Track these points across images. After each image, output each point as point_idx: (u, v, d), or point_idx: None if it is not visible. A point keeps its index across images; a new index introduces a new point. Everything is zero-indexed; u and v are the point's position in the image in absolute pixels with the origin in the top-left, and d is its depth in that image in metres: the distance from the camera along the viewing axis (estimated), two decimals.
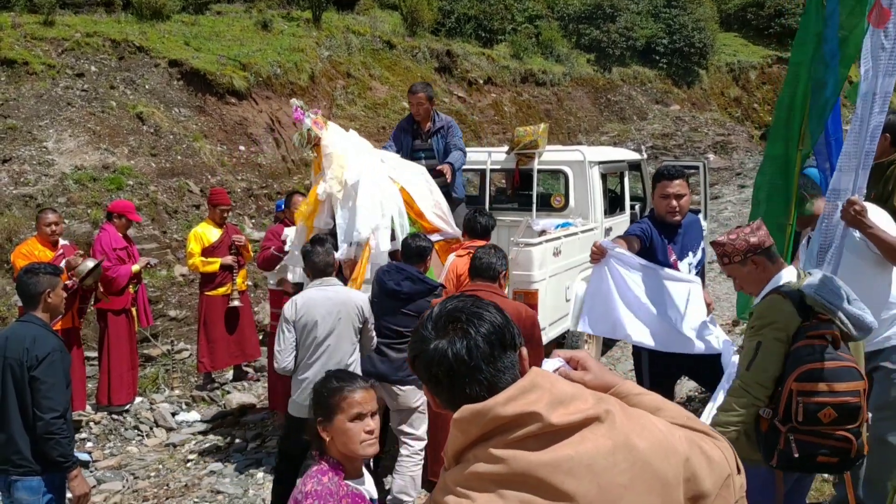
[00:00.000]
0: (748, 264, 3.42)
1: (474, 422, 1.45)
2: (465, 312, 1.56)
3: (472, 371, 1.50)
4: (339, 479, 2.52)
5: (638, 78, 24.00)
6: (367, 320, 4.90)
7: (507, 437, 1.43)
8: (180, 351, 8.66)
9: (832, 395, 3.05)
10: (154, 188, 10.57)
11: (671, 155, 19.66)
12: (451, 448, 1.51)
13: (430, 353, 1.53)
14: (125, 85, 12.08)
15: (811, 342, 3.15)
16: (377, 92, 16.54)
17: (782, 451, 3.17)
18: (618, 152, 9.16)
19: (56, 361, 3.84)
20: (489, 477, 1.42)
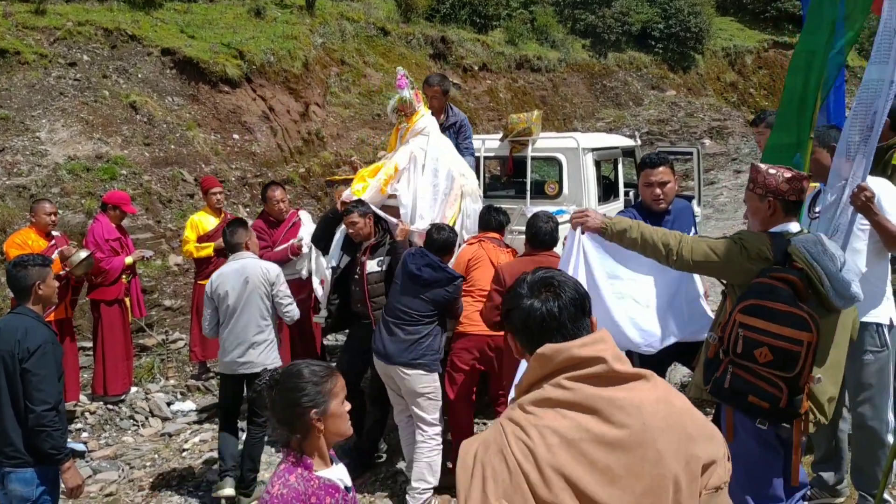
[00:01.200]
0: (765, 201, 3.43)
1: (553, 358, 1.83)
2: (556, 280, 1.96)
3: (560, 326, 1.89)
4: (308, 473, 2.43)
5: (634, 63, 23.94)
6: (274, 285, 5.30)
7: (576, 373, 1.81)
8: (175, 341, 8.66)
9: (771, 335, 3.07)
10: (148, 178, 10.54)
11: (667, 140, 19.63)
12: (527, 379, 1.89)
13: (527, 308, 1.93)
14: (118, 74, 12.02)
15: (770, 282, 3.19)
16: (371, 79, 16.48)
17: (717, 379, 3.26)
18: (612, 139, 9.14)
19: (48, 353, 3.84)
20: (556, 401, 1.80)
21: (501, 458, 1.78)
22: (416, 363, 5.08)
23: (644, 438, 1.77)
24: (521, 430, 1.80)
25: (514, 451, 1.78)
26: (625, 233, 3.60)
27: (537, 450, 1.76)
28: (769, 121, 5.49)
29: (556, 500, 1.73)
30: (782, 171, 3.45)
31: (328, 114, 14.80)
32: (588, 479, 1.74)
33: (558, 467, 1.74)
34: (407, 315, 5.14)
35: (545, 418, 1.79)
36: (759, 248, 3.30)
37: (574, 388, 1.80)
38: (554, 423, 1.78)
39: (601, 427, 1.77)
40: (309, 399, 2.47)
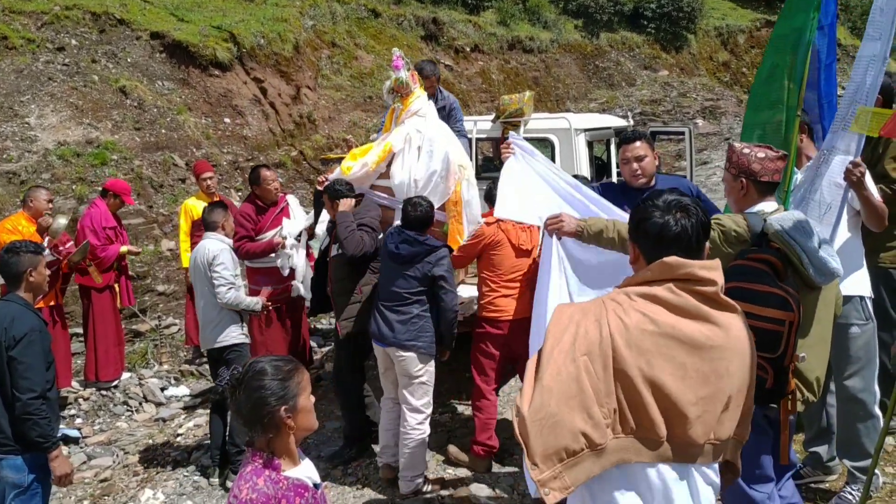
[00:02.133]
0: (737, 181, 3.43)
1: (677, 269, 2.17)
2: (690, 204, 2.27)
3: (686, 244, 2.21)
4: (277, 475, 2.33)
5: (626, 43, 23.85)
6: (211, 265, 5.39)
7: (688, 286, 2.15)
8: (168, 326, 8.65)
9: (752, 317, 2.97)
10: (139, 162, 10.48)
11: (660, 121, 19.59)
12: (639, 278, 2.23)
13: (661, 222, 2.23)
14: (107, 58, 11.93)
15: (748, 263, 3.17)
16: (363, 61, 16.39)
17: None
18: (604, 119, 9.12)
19: (34, 341, 3.82)
20: (662, 300, 2.14)
21: (597, 325, 2.13)
22: (411, 345, 5.05)
23: (722, 355, 2.13)
24: (622, 310, 2.14)
25: (611, 322, 2.12)
26: (601, 234, 3.52)
27: (631, 329, 2.10)
28: None
29: (629, 374, 2.07)
30: (756, 150, 3.42)
31: (320, 97, 14.72)
32: (663, 368, 2.08)
33: (644, 350, 2.08)
34: (395, 295, 5.12)
35: (647, 308, 2.14)
36: (735, 230, 3.28)
37: (682, 295, 2.14)
38: (653, 314, 2.12)
39: (691, 332, 2.11)
40: (276, 397, 2.34)
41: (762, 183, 3.38)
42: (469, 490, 5.22)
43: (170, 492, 5.61)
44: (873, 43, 3.78)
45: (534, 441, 2.07)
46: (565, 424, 2.06)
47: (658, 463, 2.15)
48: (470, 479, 5.37)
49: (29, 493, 3.92)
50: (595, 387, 2.08)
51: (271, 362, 2.42)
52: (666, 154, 16.78)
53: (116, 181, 7.89)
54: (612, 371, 2.08)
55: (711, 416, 2.14)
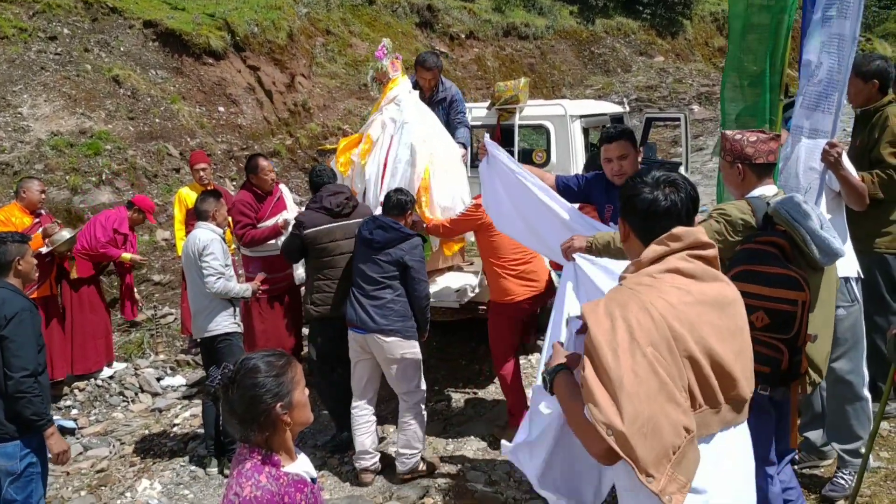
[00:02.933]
0: (734, 167, 3.46)
1: (685, 238, 2.23)
2: (678, 178, 2.34)
3: (676, 218, 2.28)
4: (277, 471, 2.29)
5: (622, 29, 23.76)
6: (200, 255, 5.37)
7: (697, 252, 2.24)
8: (164, 315, 8.64)
9: (767, 299, 3.07)
10: (133, 152, 10.44)
11: (655, 107, 19.56)
12: (651, 255, 2.25)
13: (651, 197, 2.29)
14: (99, 47, 11.85)
15: (757, 247, 3.20)
16: (357, 49, 16.31)
17: None
18: (600, 105, 9.10)
19: (25, 321, 3.87)
20: (682, 270, 2.21)
21: (646, 313, 2.09)
22: (390, 330, 5.09)
23: (736, 310, 2.27)
24: (658, 290, 2.15)
25: (658, 305, 2.11)
26: (609, 245, 3.57)
27: (677, 305, 2.12)
28: None
29: (690, 350, 2.09)
30: (747, 135, 3.46)
31: (314, 85, 14.66)
32: (710, 334, 2.14)
33: (692, 322, 2.12)
34: (369, 280, 5.16)
35: (676, 282, 2.18)
36: (741, 217, 3.30)
37: (695, 263, 2.23)
38: (684, 286, 2.18)
39: (714, 293, 2.22)
40: (272, 394, 2.29)
41: (758, 166, 3.41)
42: (465, 477, 5.24)
43: (167, 482, 5.61)
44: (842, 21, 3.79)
45: (641, 452, 1.96)
46: (665, 422, 1.99)
47: (720, 430, 2.21)
48: (466, 467, 5.38)
49: (24, 480, 3.93)
50: (670, 373, 2.04)
51: (263, 358, 2.36)
52: (662, 140, 16.76)
53: (144, 198, 7.92)
54: (677, 352, 2.08)
55: (748, 369, 2.25)
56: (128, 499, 5.42)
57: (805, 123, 4.01)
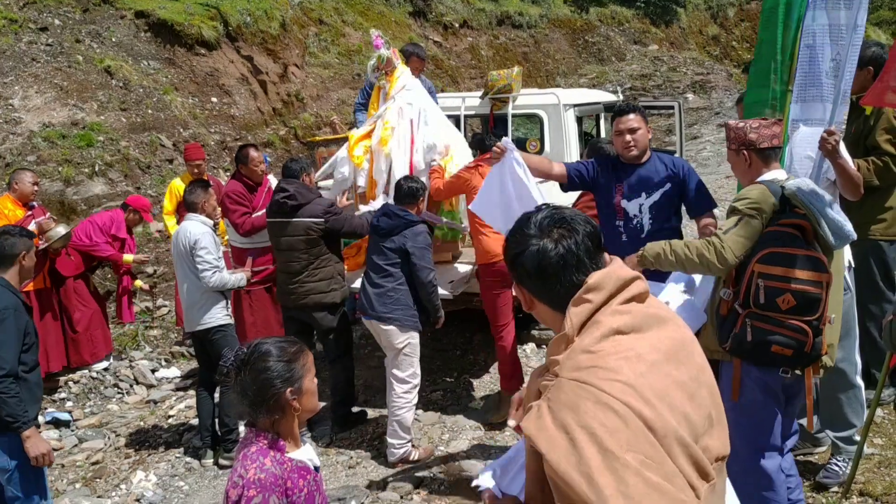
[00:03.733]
0: (740, 155, 3.50)
1: (605, 284, 1.71)
2: (568, 217, 1.81)
3: (580, 263, 1.75)
4: (282, 456, 2.32)
5: (616, 18, 23.70)
6: (193, 249, 5.34)
7: (624, 295, 1.72)
8: (159, 307, 8.62)
9: (793, 281, 3.10)
10: (125, 143, 10.38)
11: (650, 95, 19.53)
12: (576, 320, 1.69)
13: (536, 249, 1.76)
14: (91, 38, 11.77)
15: (781, 229, 3.23)
16: (351, 38, 16.24)
17: (736, 336, 3.24)
18: (593, 94, 9.07)
19: (7, 319, 3.81)
20: (620, 329, 1.67)
21: (607, 408, 1.56)
22: (388, 318, 5.20)
23: (688, 347, 1.77)
24: (607, 371, 1.61)
25: (615, 392, 1.58)
26: (660, 257, 3.50)
27: (636, 382, 1.60)
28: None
29: (667, 428, 1.57)
30: (749, 122, 3.52)
31: (307, 75, 14.59)
32: (680, 397, 1.64)
33: (659, 396, 1.60)
34: (375, 268, 5.31)
35: (621, 349, 1.64)
36: (769, 204, 3.29)
37: (630, 310, 1.71)
38: (632, 350, 1.65)
39: (662, 344, 1.70)
40: (283, 379, 2.33)
41: (762, 150, 3.46)
42: (461, 466, 5.24)
43: (162, 473, 5.61)
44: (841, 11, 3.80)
45: None
46: None
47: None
48: (461, 455, 5.39)
49: (22, 476, 3.89)
50: (664, 474, 1.54)
51: (276, 343, 2.41)
52: (656, 129, 16.75)
53: (138, 198, 7.87)
54: (659, 442, 1.56)
55: (721, 417, 1.78)
56: (123, 491, 5.42)
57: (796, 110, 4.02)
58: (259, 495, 2.21)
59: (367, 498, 4.91)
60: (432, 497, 4.94)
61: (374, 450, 5.59)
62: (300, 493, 2.32)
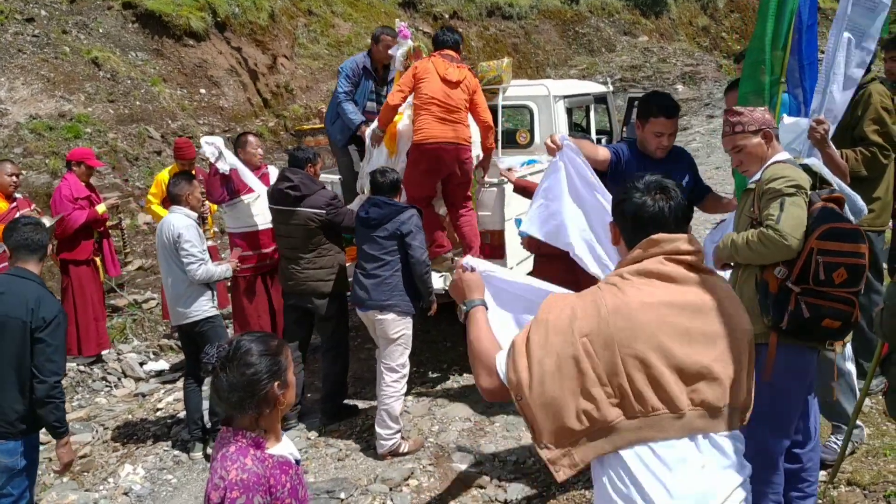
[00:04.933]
0: (759, 136, 3.49)
1: (663, 244, 2.16)
2: (670, 185, 2.26)
3: (663, 224, 2.19)
4: (262, 453, 2.28)
5: (606, 9, 23.67)
6: (177, 243, 5.33)
7: (673, 257, 2.16)
8: (147, 300, 8.57)
9: (846, 255, 3.15)
10: (113, 135, 10.31)
11: (640, 86, 19.52)
12: (630, 258, 2.19)
13: (639, 202, 2.22)
14: (78, 29, 11.68)
15: (827, 204, 3.26)
16: (340, 29, 16.17)
17: (793, 313, 3.24)
18: (583, 85, 9.06)
19: (61, 324, 3.83)
20: (654, 273, 2.13)
21: (594, 305, 2.08)
22: (388, 305, 5.26)
23: (718, 318, 2.11)
24: (618, 290, 2.11)
25: (608, 301, 2.08)
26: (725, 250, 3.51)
27: (631, 304, 2.06)
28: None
29: (636, 350, 2.01)
30: (756, 108, 3.60)
31: (297, 66, 14.53)
32: (673, 337, 2.04)
33: (646, 322, 2.03)
34: (369, 258, 5.33)
35: (642, 283, 2.12)
36: (804, 179, 3.31)
37: (671, 266, 2.14)
38: (648, 288, 2.10)
39: (687, 298, 2.11)
40: (270, 373, 2.30)
41: (775, 129, 3.54)
42: (450, 458, 5.24)
43: (150, 466, 5.58)
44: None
45: (541, 424, 2.04)
46: (567, 407, 2.02)
47: (683, 436, 2.02)
48: (451, 447, 5.39)
49: (23, 477, 3.90)
50: (596, 367, 2.01)
51: (258, 339, 2.37)
52: None
53: (76, 150, 7.76)
54: (617, 349, 2.00)
55: (724, 377, 2.07)
56: (111, 484, 5.39)
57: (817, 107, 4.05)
58: (242, 496, 2.17)
59: (357, 490, 4.91)
60: (421, 489, 4.94)
61: (363, 442, 5.58)
62: (283, 488, 2.28)
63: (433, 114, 5.83)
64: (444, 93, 5.84)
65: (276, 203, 5.68)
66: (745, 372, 2.13)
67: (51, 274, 7.96)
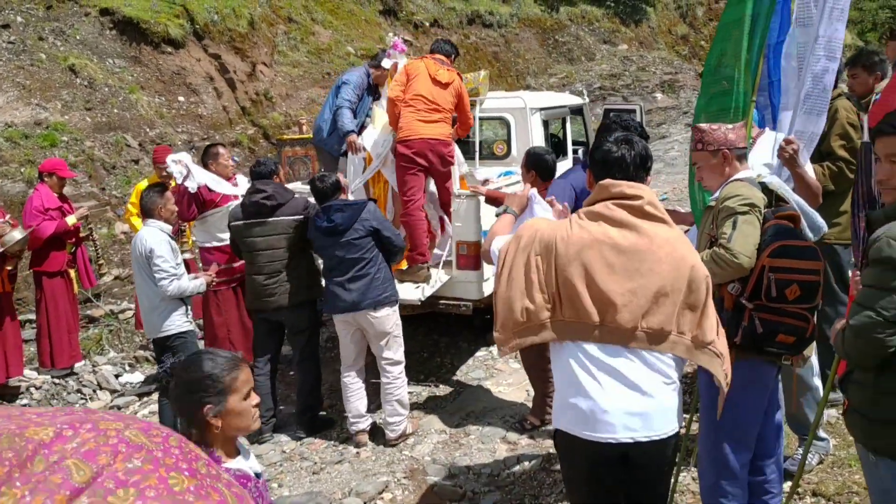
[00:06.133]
0: (718, 156, 3.54)
1: (609, 189, 2.77)
2: (634, 139, 2.86)
3: (624, 169, 2.80)
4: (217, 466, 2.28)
5: (586, 17, 23.83)
6: (148, 258, 5.30)
7: (622, 203, 2.74)
8: (123, 311, 8.53)
9: (798, 272, 3.21)
10: (90, 143, 10.26)
11: (619, 95, 19.68)
12: (589, 200, 2.85)
13: (608, 149, 2.83)
14: (55, 36, 11.61)
15: (780, 222, 3.32)
16: (320, 37, 16.18)
17: (746, 328, 3.31)
18: (559, 97, 9.14)
19: None
20: (599, 215, 2.75)
21: (552, 234, 2.77)
22: (384, 299, 5.39)
23: (645, 257, 2.66)
24: (569, 224, 2.78)
25: (558, 232, 2.77)
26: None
27: (573, 236, 2.72)
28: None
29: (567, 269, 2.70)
30: (723, 125, 3.63)
31: (276, 73, 14.51)
32: (597, 267, 2.67)
33: (579, 251, 2.69)
34: (349, 264, 5.35)
35: (588, 224, 2.73)
36: (759, 197, 3.37)
37: (615, 209, 2.72)
38: (591, 227, 2.72)
39: (619, 238, 2.68)
40: (204, 395, 2.25)
41: (739, 149, 3.56)
42: (425, 470, 5.26)
43: None
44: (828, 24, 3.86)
45: (498, 314, 2.82)
46: (515, 304, 2.77)
47: (592, 342, 2.70)
48: (426, 460, 5.41)
49: None
50: (539, 278, 2.74)
51: (212, 357, 2.33)
52: None
53: (48, 160, 7.69)
54: (554, 268, 2.71)
55: (636, 306, 2.65)
56: None
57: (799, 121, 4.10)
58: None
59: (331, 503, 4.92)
60: (396, 501, 4.96)
61: (338, 455, 5.59)
62: None
63: (417, 111, 6.16)
64: (430, 92, 6.17)
65: (249, 217, 5.67)
66: (684, 303, 2.69)
67: (26, 284, 7.92)
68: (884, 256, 2.50)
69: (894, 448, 2.63)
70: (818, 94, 3.96)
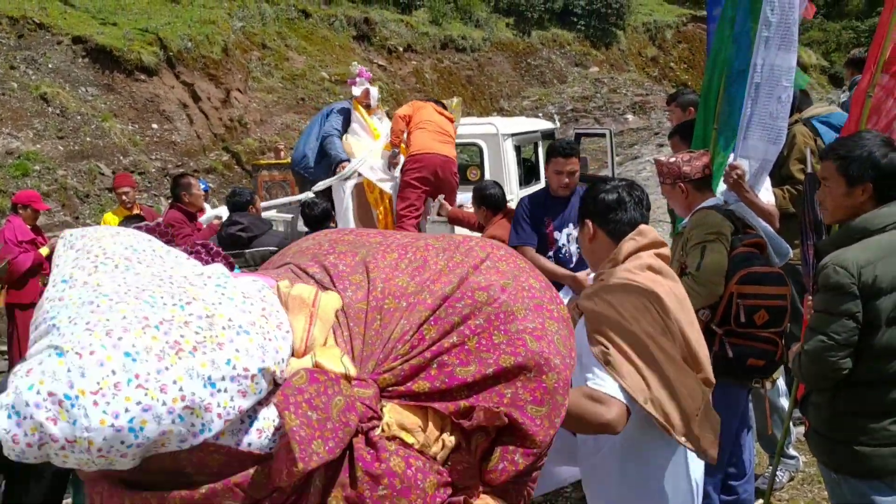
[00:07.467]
0: (676, 189, 3.64)
1: (648, 234, 2.54)
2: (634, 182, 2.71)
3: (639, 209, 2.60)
4: None
5: (557, 41, 24.14)
6: None
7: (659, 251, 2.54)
8: None
9: (765, 297, 3.28)
10: (63, 172, 10.24)
11: (591, 117, 19.93)
12: (627, 249, 2.52)
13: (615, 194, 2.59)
14: (26, 64, 11.60)
15: (747, 250, 3.40)
16: (294, 63, 16.27)
17: (717, 354, 3.34)
18: (531, 123, 9.27)
19: None
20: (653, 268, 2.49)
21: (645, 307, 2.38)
22: None
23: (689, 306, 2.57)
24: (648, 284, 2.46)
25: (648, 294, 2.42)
26: None
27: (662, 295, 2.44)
28: (680, 100, 5.71)
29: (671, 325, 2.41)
30: (679, 157, 3.70)
31: (251, 99, 14.57)
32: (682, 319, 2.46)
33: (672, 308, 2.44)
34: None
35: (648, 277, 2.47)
36: (726, 226, 3.45)
37: (660, 261, 2.53)
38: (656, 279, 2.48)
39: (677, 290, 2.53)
40: None
41: (697, 181, 3.63)
42: None
43: None
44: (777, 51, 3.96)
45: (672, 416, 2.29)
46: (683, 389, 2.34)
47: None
48: None
49: None
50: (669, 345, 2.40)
51: None
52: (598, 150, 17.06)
53: (22, 192, 7.63)
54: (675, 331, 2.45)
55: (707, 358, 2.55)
56: None
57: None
58: None
59: None
60: None
61: None
62: None
63: (430, 132, 6.52)
64: (438, 120, 6.66)
65: (227, 248, 5.68)
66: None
67: (0, 316, 7.85)
68: (831, 283, 2.61)
69: (854, 467, 2.71)
70: (769, 121, 4.05)
